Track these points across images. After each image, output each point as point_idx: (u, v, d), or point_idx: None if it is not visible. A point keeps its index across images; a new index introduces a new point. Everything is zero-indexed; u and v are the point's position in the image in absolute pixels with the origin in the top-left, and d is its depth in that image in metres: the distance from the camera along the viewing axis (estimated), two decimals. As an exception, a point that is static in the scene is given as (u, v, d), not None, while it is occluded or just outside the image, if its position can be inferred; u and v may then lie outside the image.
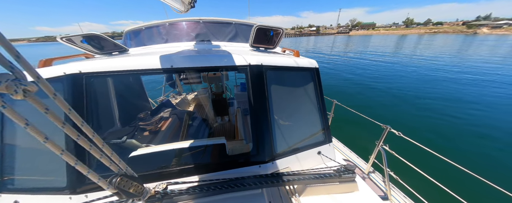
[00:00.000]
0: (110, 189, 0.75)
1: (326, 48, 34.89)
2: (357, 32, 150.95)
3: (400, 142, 1.95)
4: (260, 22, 2.86)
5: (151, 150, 1.32)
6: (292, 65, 1.49)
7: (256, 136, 1.34)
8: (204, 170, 1.27)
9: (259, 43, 1.95)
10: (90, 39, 1.70)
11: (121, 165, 0.80)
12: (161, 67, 1.28)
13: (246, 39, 2.82)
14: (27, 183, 1.22)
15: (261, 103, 1.35)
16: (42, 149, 1.21)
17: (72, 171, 1.15)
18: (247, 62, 1.36)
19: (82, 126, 0.66)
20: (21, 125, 0.51)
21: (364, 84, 10.28)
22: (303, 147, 1.49)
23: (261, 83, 1.37)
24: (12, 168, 1.22)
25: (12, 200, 1.18)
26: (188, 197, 1.05)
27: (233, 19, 2.98)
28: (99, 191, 1.16)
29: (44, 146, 1.25)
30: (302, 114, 1.57)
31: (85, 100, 1.22)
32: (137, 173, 0.86)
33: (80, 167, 0.65)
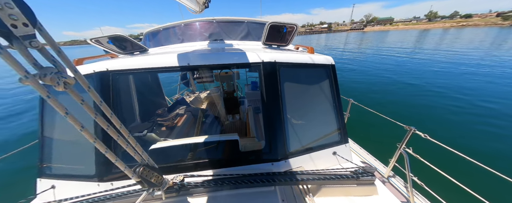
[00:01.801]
0: (135, 177, 0.80)
1: (339, 45, 33.55)
2: (373, 28, 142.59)
3: (426, 145, 1.80)
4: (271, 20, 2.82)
5: (169, 144, 1.38)
6: (307, 62, 1.46)
7: (268, 134, 1.33)
8: (218, 165, 1.30)
9: (272, 41, 1.93)
10: (115, 40, 1.83)
11: (143, 156, 0.84)
12: (178, 65, 1.33)
13: (258, 37, 2.82)
14: (62, 170, 1.35)
15: (274, 101, 1.34)
16: (75, 141, 1.34)
17: (100, 161, 1.25)
18: (260, 59, 1.35)
19: (111, 117, 0.71)
20: (61, 113, 0.56)
21: (382, 82, 9.63)
22: (317, 146, 1.46)
23: (274, 81, 1.35)
24: (50, 157, 1.37)
25: (50, 184, 1.33)
26: (203, 190, 1.09)
27: (245, 18, 2.99)
28: (123, 180, 1.25)
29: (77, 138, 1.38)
30: (317, 113, 1.53)
31: (111, 96, 1.32)
32: (156, 164, 0.90)
33: (109, 155, 0.70)
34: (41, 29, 0.48)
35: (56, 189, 1.30)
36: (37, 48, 0.49)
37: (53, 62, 0.53)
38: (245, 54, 1.38)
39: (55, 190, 1.30)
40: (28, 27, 0.45)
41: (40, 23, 0.48)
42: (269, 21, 1.78)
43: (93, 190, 1.18)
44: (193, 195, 1.10)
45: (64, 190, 1.29)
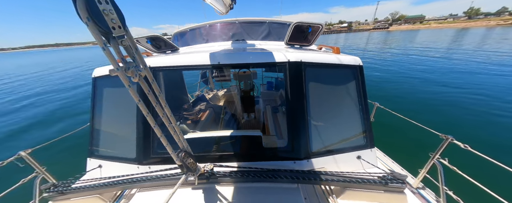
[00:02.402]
0: (178, 161, 0.90)
1: (360, 45, 31.62)
2: (400, 27, 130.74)
3: (464, 157, 1.63)
4: (292, 21, 2.80)
5: (200, 135, 1.49)
6: (334, 62, 1.45)
7: (291, 133, 1.36)
8: (242, 158, 1.37)
9: (295, 41, 1.94)
10: (152, 39, 2.03)
11: (184, 143, 0.94)
12: (210, 63, 1.43)
13: (278, 37, 2.84)
14: (108, 152, 1.57)
15: (299, 100, 1.36)
16: (120, 128, 1.54)
17: (141, 147, 1.40)
18: (286, 59, 1.38)
19: (165, 107, 0.81)
20: (135, 100, 0.68)
21: (410, 85, 8.81)
22: (340, 149, 1.44)
23: (299, 80, 1.37)
24: (98, 141, 1.59)
25: (97, 164, 1.55)
26: (230, 179, 1.16)
27: (266, 18, 3.04)
28: (159, 165, 1.39)
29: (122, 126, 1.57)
30: (341, 114, 1.51)
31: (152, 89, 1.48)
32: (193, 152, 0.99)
33: (163, 139, 0.81)
34: (127, 31, 0.59)
35: (102, 168, 1.51)
36: (124, 46, 0.60)
37: (133, 58, 0.63)
38: (271, 53, 1.42)
39: (101, 169, 1.51)
40: (121, 29, 0.56)
41: (126, 27, 0.60)
42: (293, 21, 1.79)
43: (133, 171, 1.34)
44: (220, 183, 1.18)
45: (109, 169, 1.49)
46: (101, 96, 1.60)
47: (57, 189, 1.21)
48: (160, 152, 1.41)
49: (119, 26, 0.56)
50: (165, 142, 0.84)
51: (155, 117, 1.45)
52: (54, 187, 1.22)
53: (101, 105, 1.59)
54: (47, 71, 21.80)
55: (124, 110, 1.52)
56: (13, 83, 15.66)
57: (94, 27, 0.51)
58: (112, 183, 1.19)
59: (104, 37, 0.54)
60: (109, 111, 1.58)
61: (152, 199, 1.18)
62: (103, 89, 1.61)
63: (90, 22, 0.49)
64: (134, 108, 1.42)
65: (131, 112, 1.43)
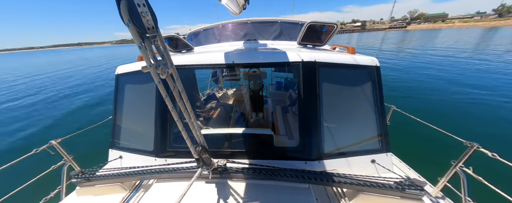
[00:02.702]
0: (195, 154, 0.94)
1: (374, 44, 30.23)
2: (419, 26, 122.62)
3: (491, 166, 1.51)
4: (304, 20, 2.76)
5: (214, 132, 1.53)
6: (349, 62, 1.41)
7: (303, 133, 1.36)
8: (253, 156, 1.39)
9: (308, 40, 1.93)
10: (170, 39, 2.12)
11: (201, 138, 0.98)
12: (224, 62, 1.46)
13: (290, 37, 2.83)
14: (128, 145, 1.68)
15: (311, 101, 1.35)
16: (139, 123, 1.64)
17: (158, 141, 1.49)
18: (300, 59, 1.38)
19: (186, 103, 0.85)
20: (163, 95, 0.73)
21: (429, 87, 8.25)
22: (354, 151, 1.41)
23: (312, 80, 1.36)
24: (119, 133, 1.71)
25: (118, 155, 1.66)
26: (242, 176, 1.19)
27: (278, 18, 3.03)
28: (174, 158, 1.47)
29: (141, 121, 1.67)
30: (356, 116, 1.47)
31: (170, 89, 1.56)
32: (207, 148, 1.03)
33: (184, 133, 0.86)
34: (158, 32, 0.64)
35: (123, 159, 1.63)
36: (156, 45, 0.65)
37: (162, 56, 0.68)
38: (285, 53, 1.42)
39: (122, 159, 1.63)
40: (154, 30, 0.61)
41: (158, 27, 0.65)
42: (305, 20, 1.78)
43: (151, 163, 1.42)
44: (232, 179, 1.22)
45: (128, 160, 1.60)
46: (123, 92, 1.71)
47: (84, 176, 1.32)
48: (176, 146, 1.49)
49: (153, 27, 0.61)
50: (185, 136, 0.89)
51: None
52: (81, 174, 1.34)
53: (122, 100, 1.71)
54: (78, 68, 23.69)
55: (144, 105, 1.62)
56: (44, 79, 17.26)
57: (133, 28, 0.56)
58: (132, 173, 1.28)
59: (140, 37, 0.59)
60: (130, 105, 1.69)
61: (168, 189, 1.25)
62: (125, 85, 1.72)
63: (131, 24, 0.54)
64: (153, 104, 1.51)
65: (150, 107, 1.52)
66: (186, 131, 0.88)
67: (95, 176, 1.32)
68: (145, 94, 1.60)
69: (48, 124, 7.06)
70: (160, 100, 1.51)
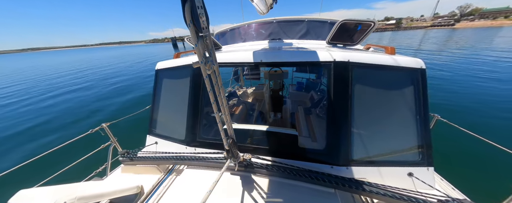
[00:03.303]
0: (227, 146, 1.01)
1: (411, 44, 26.84)
2: (471, 24, 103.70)
3: None
4: (333, 19, 2.64)
5: (240, 127, 1.59)
6: (388, 63, 1.29)
7: (331, 137, 1.31)
8: (277, 154, 1.40)
9: (338, 40, 1.84)
10: None
11: (231, 131, 1.05)
12: (253, 61, 1.51)
13: (317, 36, 2.74)
14: (163, 132, 1.87)
15: (342, 103, 1.29)
16: (174, 113, 1.82)
17: (189, 130, 1.64)
18: (331, 58, 1.33)
19: (223, 98, 0.93)
20: (207, 89, 0.81)
21: (486, 97, 6.90)
22: (387, 161, 1.29)
23: (345, 82, 1.30)
24: (156, 122, 1.92)
25: (154, 141, 1.87)
26: (266, 172, 1.23)
27: (305, 17, 2.97)
28: (203, 148, 1.59)
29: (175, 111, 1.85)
30: (393, 123, 1.34)
31: (201, 84, 1.68)
32: None
33: (220, 124, 0.93)
34: (209, 31, 0.72)
35: (158, 144, 1.83)
36: (207, 44, 0.73)
37: (209, 54, 0.77)
38: (315, 52, 1.39)
39: (157, 145, 1.84)
40: (206, 30, 0.69)
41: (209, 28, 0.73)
42: (332, 18, 1.70)
43: (182, 151, 1.57)
44: (256, 173, 1.26)
45: (162, 146, 1.79)
46: (160, 85, 1.93)
47: (129, 156, 1.54)
48: (204, 137, 1.62)
49: (206, 27, 0.69)
50: (220, 128, 0.96)
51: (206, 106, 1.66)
52: (127, 153, 1.56)
53: (160, 92, 1.92)
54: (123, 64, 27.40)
55: (178, 98, 1.79)
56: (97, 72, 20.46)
57: (193, 28, 0.64)
58: (167, 157, 1.44)
59: (196, 36, 0.68)
60: (166, 98, 1.90)
61: (197, 176, 1.37)
62: (163, 79, 1.93)
63: (192, 24, 0.63)
64: (187, 97, 1.66)
65: (184, 100, 1.67)
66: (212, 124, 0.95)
67: (137, 157, 1.53)
68: (180, 88, 1.77)
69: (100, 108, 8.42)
70: (193, 95, 1.65)
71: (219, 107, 0.92)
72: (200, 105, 1.65)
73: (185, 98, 1.67)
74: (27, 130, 6.56)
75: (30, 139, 5.99)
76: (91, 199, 1.09)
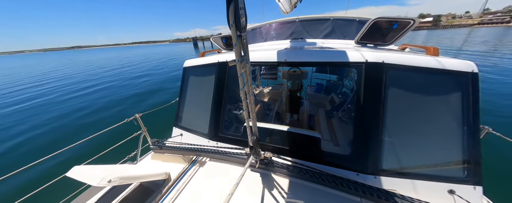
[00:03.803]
0: (251, 142, 1.05)
1: (453, 45, 23.55)
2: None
3: None
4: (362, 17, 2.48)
5: (262, 125, 1.60)
6: (431, 66, 1.15)
7: (358, 142, 1.24)
8: (298, 156, 1.38)
9: (369, 39, 1.72)
10: (227, 38, 2.38)
11: (256, 129, 1.08)
12: (277, 60, 1.52)
13: (343, 35, 2.61)
14: (188, 125, 1.99)
15: (373, 107, 1.21)
16: (199, 108, 1.94)
17: (212, 125, 1.73)
18: (363, 59, 1.25)
19: (251, 96, 0.96)
20: (240, 86, 0.85)
21: None
22: (423, 175, 1.16)
23: (377, 84, 1.21)
24: (182, 115, 2.07)
25: (180, 132, 2.00)
26: (286, 172, 1.22)
27: (330, 15, 2.84)
28: (224, 143, 1.65)
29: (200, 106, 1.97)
30: (433, 133, 1.20)
31: (226, 80, 1.76)
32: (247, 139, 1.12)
33: (247, 121, 0.97)
34: (246, 31, 0.76)
35: (183, 136, 1.98)
36: (243, 44, 0.77)
37: (244, 53, 0.81)
38: (345, 52, 1.33)
39: (182, 137, 1.98)
40: (244, 30, 0.73)
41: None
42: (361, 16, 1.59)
43: (205, 144, 1.67)
44: (276, 173, 1.27)
45: (187, 138, 1.93)
46: (187, 82, 2.07)
47: (159, 144, 1.70)
48: (226, 133, 1.69)
49: (244, 27, 0.72)
50: (248, 124, 0.99)
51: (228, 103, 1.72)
52: (157, 142, 1.72)
53: (186, 88, 2.07)
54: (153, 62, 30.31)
55: (203, 94, 1.91)
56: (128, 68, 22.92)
57: (235, 28, 0.68)
58: (192, 149, 1.54)
59: (236, 36, 0.72)
60: (192, 93, 2.03)
61: (219, 168, 1.44)
62: (189, 76, 2.07)
63: (234, 24, 0.67)
64: (211, 94, 1.75)
65: (208, 97, 1.77)
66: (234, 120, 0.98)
67: (165, 146, 1.67)
68: (205, 85, 1.88)
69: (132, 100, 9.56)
70: (217, 92, 1.73)
71: (248, 104, 0.95)
72: (223, 102, 1.72)
73: (210, 95, 1.77)
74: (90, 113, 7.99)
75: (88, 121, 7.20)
76: (129, 180, 1.23)
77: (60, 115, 8.02)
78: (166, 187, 1.38)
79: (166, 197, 1.31)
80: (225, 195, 1.09)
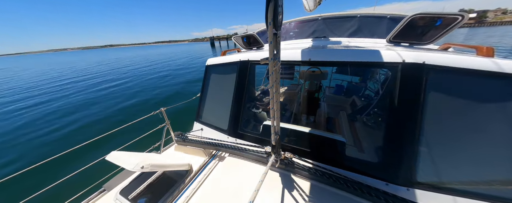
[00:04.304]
0: (273, 141, 1.04)
1: (506, 43, 20.37)
2: None
3: None
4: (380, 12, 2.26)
5: (284, 125, 1.57)
6: (485, 68, 1.00)
7: (389, 149, 1.14)
8: (320, 159, 1.34)
9: (404, 38, 1.56)
10: (248, 37, 2.40)
11: (278, 128, 1.07)
12: (301, 59, 1.49)
13: (371, 33, 2.44)
14: (208, 120, 2.08)
15: (410, 113, 1.09)
16: (219, 104, 2.01)
17: (232, 122, 1.77)
18: (400, 59, 1.14)
19: (278, 94, 0.96)
20: (270, 84, 0.85)
21: None
22: (472, 192, 1.02)
23: (415, 87, 1.09)
24: (203, 110, 2.16)
25: (200, 127, 2.10)
26: (307, 174, 1.19)
27: (357, 12, 2.67)
28: (243, 140, 1.67)
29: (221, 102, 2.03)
30: (486, 146, 1.05)
31: (247, 78, 1.78)
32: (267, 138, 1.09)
33: (272, 120, 0.97)
34: (280, 29, 0.76)
35: (203, 131, 2.07)
36: (277, 41, 0.77)
37: (277, 51, 0.81)
38: (377, 52, 1.24)
39: (202, 131, 2.07)
40: (279, 28, 0.74)
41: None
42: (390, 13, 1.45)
43: (224, 139, 1.73)
44: (296, 174, 1.25)
45: (207, 133, 2.01)
46: (209, 79, 2.16)
47: (182, 137, 1.80)
48: (245, 130, 1.72)
49: (280, 26, 0.73)
50: (272, 123, 0.99)
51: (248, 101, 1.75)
52: (181, 135, 1.83)
53: (208, 85, 2.15)
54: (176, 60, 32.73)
55: (224, 92, 1.97)
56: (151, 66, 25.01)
57: (271, 27, 0.69)
58: (214, 143, 1.61)
59: (272, 34, 0.73)
60: (213, 90, 2.11)
61: (237, 164, 1.48)
62: (211, 74, 2.16)
63: (271, 23, 0.68)
64: (232, 91, 1.80)
65: (229, 94, 1.82)
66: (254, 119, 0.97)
67: (188, 139, 1.77)
68: (226, 83, 1.93)
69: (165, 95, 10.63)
70: (237, 90, 1.77)
71: (274, 103, 0.94)
72: (243, 100, 1.75)
73: (230, 92, 1.81)
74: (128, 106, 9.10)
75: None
76: (157, 168, 1.33)
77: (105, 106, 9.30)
78: (188, 178, 1.46)
79: (188, 187, 1.38)
80: (245, 189, 1.10)
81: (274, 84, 0.88)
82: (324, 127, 3.09)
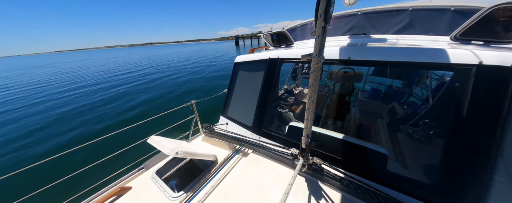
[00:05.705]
0: (303, 144, 0.98)
1: None
2: None
3: None
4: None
5: (319, 130, 1.48)
6: None
7: (447, 169, 0.95)
8: (355, 170, 1.21)
9: (477, 35, 1.25)
10: (277, 35, 2.34)
11: (310, 131, 1.00)
12: (338, 58, 1.36)
13: (426, 30, 2.07)
14: (233, 116, 2.12)
15: (485, 127, 0.88)
16: (245, 101, 2.04)
17: (256, 119, 1.76)
18: (475, 60, 0.92)
19: (316, 94, 0.90)
20: (310, 83, 0.81)
21: None
22: None
23: (497, 97, 0.87)
24: (229, 105, 2.22)
25: (225, 121, 2.16)
26: (338, 185, 1.09)
27: (408, 5, 2.30)
28: (267, 138, 1.65)
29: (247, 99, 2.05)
30: None
31: (275, 76, 1.75)
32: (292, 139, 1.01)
33: (305, 122, 0.91)
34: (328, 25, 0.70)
35: (228, 125, 2.13)
36: (324, 37, 0.73)
37: (322, 48, 0.76)
38: (442, 51, 1.02)
39: (227, 125, 2.14)
40: (327, 23, 0.69)
41: None
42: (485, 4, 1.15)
43: (248, 136, 1.73)
44: (324, 182, 1.16)
45: (232, 128, 2.06)
46: (236, 76, 2.20)
47: (209, 129, 1.89)
48: (269, 129, 1.69)
49: (328, 20, 0.68)
50: (305, 126, 0.94)
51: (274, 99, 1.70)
52: (208, 127, 1.92)
53: (235, 81, 2.20)
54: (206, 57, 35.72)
55: (250, 89, 1.97)
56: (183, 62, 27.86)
57: (321, 21, 0.64)
58: (239, 138, 1.64)
59: (322, 28, 0.68)
60: (240, 87, 2.15)
61: (260, 162, 1.47)
62: (239, 71, 2.19)
63: (323, 14, 0.63)
64: (258, 89, 1.78)
65: (255, 92, 1.81)
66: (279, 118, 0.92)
67: (215, 132, 1.84)
68: (253, 81, 1.93)
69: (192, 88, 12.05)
70: (264, 87, 1.74)
71: (311, 104, 0.88)
72: (270, 98, 1.71)
73: (257, 89, 1.80)
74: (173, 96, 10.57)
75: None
76: (188, 155, 1.43)
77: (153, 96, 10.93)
78: (214, 168, 1.51)
79: (214, 177, 1.43)
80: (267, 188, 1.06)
81: (314, 83, 0.82)
82: (355, 134, 2.80)
